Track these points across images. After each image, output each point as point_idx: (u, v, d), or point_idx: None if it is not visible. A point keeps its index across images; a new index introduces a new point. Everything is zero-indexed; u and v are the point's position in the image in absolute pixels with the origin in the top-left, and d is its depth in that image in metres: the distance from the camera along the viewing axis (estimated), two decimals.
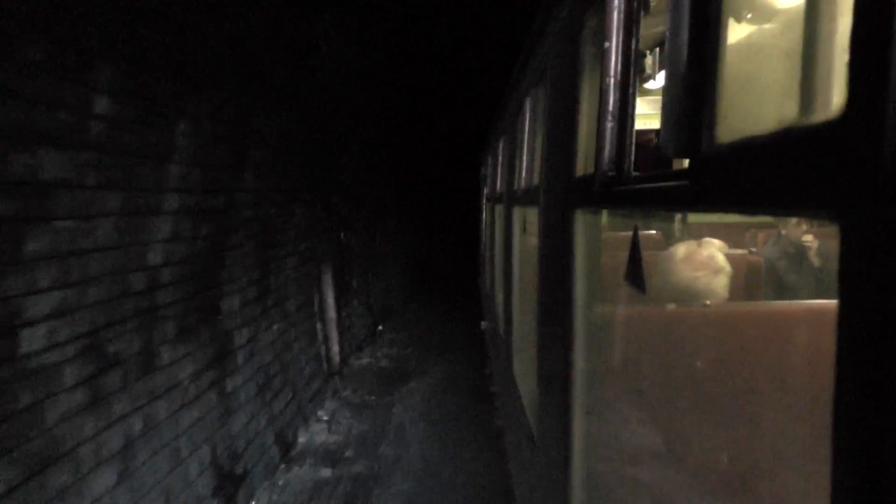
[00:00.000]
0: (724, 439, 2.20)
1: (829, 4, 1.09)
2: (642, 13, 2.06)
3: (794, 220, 5.68)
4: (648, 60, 2.30)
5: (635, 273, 1.88)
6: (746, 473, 2.16)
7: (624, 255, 2.01)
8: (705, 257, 2.85)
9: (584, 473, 2.61)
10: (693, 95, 1.37)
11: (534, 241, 3.95)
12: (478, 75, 6.59)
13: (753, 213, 1.12)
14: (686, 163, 1.45)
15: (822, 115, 0.94)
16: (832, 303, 2.11)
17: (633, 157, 2.02)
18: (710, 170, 1.25)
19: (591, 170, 2.32)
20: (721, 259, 2.89)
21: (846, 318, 0.83)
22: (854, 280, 0.82)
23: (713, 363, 2.27)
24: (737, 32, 1.35)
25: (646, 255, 1.98)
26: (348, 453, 7.93)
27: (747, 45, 1.35)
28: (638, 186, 1.84)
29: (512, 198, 5.85)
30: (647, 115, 7.28)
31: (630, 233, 1.93)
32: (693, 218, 5.36)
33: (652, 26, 2.74)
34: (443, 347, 13.84)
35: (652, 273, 2.77)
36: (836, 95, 1.07)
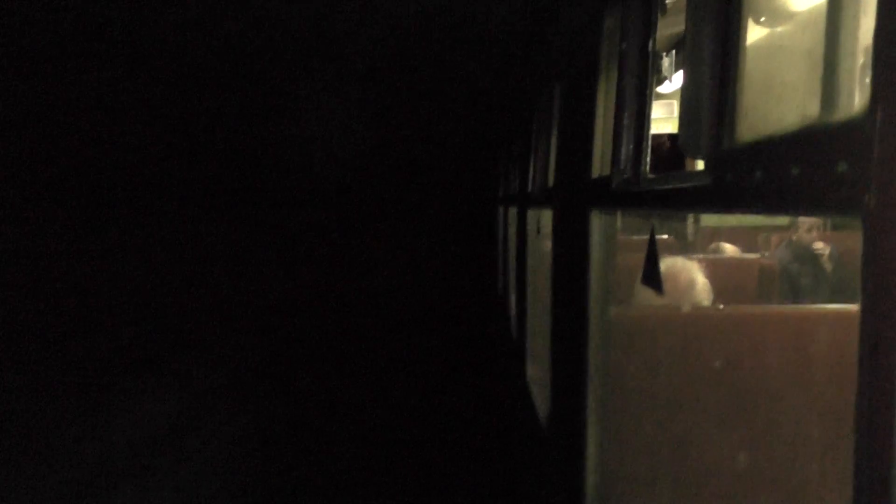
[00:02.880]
0: (739, 441, 2.19)
1: (852, 3, 1.08)
2: (659, 14, 2.06)
3: (805, 226, 5.68)
4: (665, 62, 2.31)
5: (652, 274, 1.88)
6: (762, 475, 2.15)
7: (639, 257, 2.01)
8: (675, 282, 2.85)
9: (599, 475, 2.61)
10: (713, 95, 1.37)
11: (548, 242, 3.94)
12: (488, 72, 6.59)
13: (775, 212, 1.11)
14: (700, 165, 1.45)
15: (844, 114, 0.94)
16: (847, 307, 2.11)
17: (649, 158, 2.02)
18: (731, 169, 1.25)
19: (606, 171, 2.32)
20: (687, 278, 2.88)
21: (869, 317, 0.83)
22: (878, 279, 0.81)
23: (728, 365, 2.27)
24: (757, 32, 1.35)
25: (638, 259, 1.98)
26: None
27: (767, 45, 1.35)
28: (656, 187, 1.84)
29: (525, 199, 5.85)
30: (659, 118, 7.26)
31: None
32: (704, 221, 5.36)
33: (667, 27, 2.74)
34: None
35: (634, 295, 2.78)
36: (858, 94, 1.06)
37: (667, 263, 2.91)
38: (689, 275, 2.90)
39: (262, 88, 7.25)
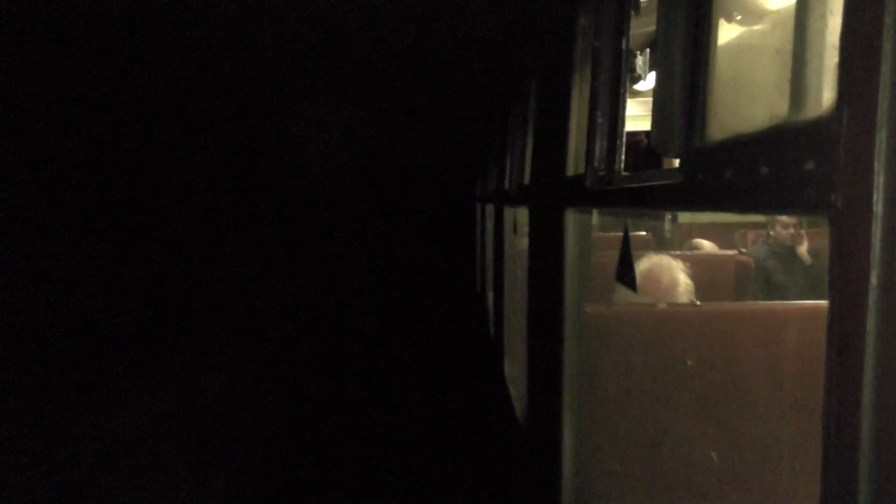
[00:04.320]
0: (715, 438, 2.20)
1: (820, 3, 1.09)
2: (633, 13, 2.07)
3: (781, 221, 5.71)
4: (639, 61, 2.31)
5: (626, 272, 1.88)
6: (736, 471, 2.16)
7: (614, 255, 2.02)
8: (658, 281, 2.86)
9: (575, 471, 2.62)
10: (684, 94, 1.37)
11: (525, 240, 3.95)
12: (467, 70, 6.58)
13: (746, 211, 1.12)
14: (677, 163, 1.45)
15: (813, 113, 0.95)
16: (821, 303, 2.13)
17: (623, 157, 2.03)
18: (702, 168, 1.26)
19: (581, 169, 2.33)
20: (670, 278, 2.89)
21: (837, 315, 0.83)
22: (845, 278, 0.82)
23: (703, 362, 2.28)
24: (727, 31, 1.35)
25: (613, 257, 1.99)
26: None
27: (738, 44, 1.35)
28: (629, 185, 1.85)
29: (502, 197, 5.86)
30: (636, 116, 7.28)
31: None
32: (682, 218, 5.39)
33: (642, 26, 2.75)
34: None
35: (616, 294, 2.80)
36: (826, 93, 1.07)
37: (652, 261, 2.92)
38: (672, 274, 2.91)
39: (261, 89, 7.23)
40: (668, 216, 4.97)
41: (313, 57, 6.02)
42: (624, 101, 2.03)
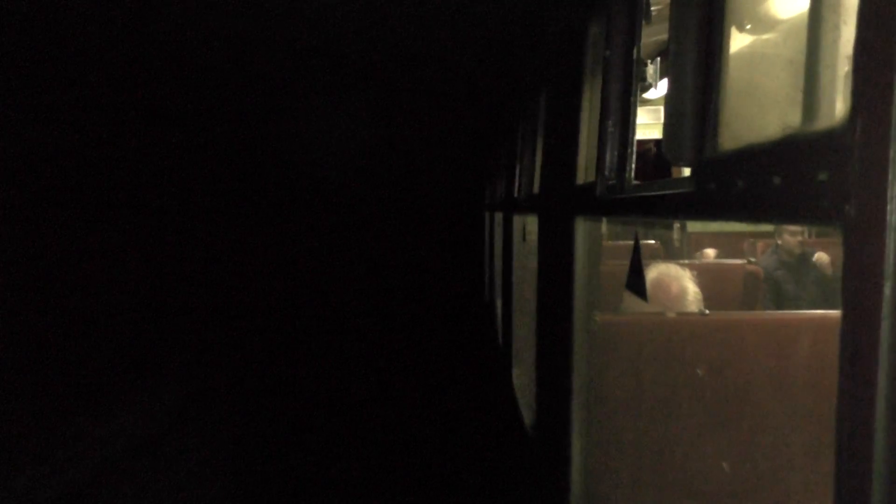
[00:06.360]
0: (725, 446, 2.20)
1: (833, 13, 1.09)
2: (643, 22, 2.07)
3: (789, 230, 5.69)
4: (649, 69, 2.32)
5: (636, 281, 1.88)
6: (747, 481, 2.15)
7: (622, 263, 2.02)
8: (667, 291, 2.86)
9: (584, 480, 2.61)
10: (696, 103, 1.37)
11: (533, 249, 3.95)
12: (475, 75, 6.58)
13: (758, 221, 1.12)
14: (686, 172, 1.45)
15: (826, 123, 0.95)
16: (831, 313, 2.11)
17: (633, 165, 2.02)
18: (713, 177, 1.25)
19: (591, 178, 2.33)
20: (679, 287, 2.88)
21: (849, 325, 0.83)
22: (858, 288, 0.82)
23: (712, 371, 2.27)
24: (739, 41, 1.35)
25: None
26: None
27: (749, 54, 1.35)
28: (640, 194, 1.85)
29: (511, 205, 5.86)
30: (646, 124, 7.30)
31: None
32: (691, 227, 5.38)
33: (652, 35, 2.75)
34: None
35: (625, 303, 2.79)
36: (839, 103, 1.07)
37: (659, 270, 2.91)
38: (681, 283, 2.90)
39: (261, 89, 7.24)
40: (677, 225, 4.97)
41: (324, 68, 6.04)
42: (635, 110, 2.03)
